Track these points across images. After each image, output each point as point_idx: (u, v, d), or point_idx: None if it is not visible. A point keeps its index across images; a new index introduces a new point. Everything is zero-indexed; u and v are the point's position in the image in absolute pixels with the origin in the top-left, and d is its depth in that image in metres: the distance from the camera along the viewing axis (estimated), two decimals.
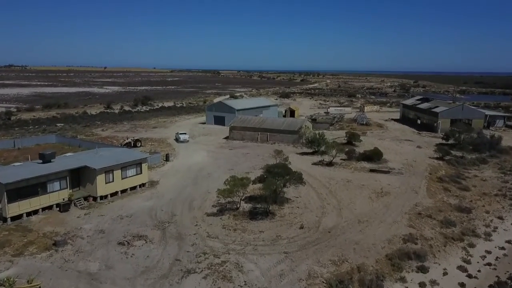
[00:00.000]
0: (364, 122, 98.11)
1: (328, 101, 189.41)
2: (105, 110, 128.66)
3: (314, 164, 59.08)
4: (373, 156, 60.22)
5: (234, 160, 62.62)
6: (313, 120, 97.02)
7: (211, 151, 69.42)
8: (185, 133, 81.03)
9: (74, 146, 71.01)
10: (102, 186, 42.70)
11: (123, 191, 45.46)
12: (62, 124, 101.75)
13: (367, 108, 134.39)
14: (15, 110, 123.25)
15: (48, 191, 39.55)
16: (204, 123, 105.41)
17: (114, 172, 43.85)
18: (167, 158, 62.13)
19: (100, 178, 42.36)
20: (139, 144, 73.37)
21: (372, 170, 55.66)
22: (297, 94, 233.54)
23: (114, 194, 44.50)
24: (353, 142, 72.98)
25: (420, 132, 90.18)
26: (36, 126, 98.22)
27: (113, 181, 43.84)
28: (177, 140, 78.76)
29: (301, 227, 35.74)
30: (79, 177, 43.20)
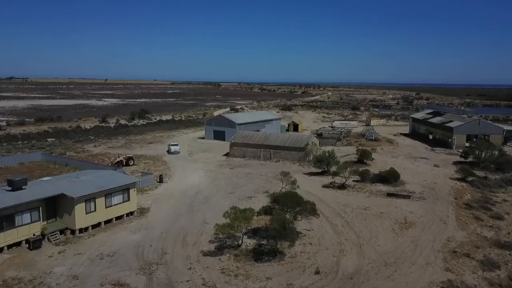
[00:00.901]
0: (373, 138, 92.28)
1: (331, 114, 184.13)
2: (100, 124, 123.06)
3: (325, 186, 53.04)
4: (389, 177, 54.24)
5: (235, 181, 56.66)
6: (319, 135, 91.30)
7: (209, 171, 63.47)
8: (176, 145, 79.89)
9: (61, 165, 65.18)
10: (81, 217, 36.66)
11: (108, 222, 39.42)
12: (53, 139, 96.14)
13: (373, 122, 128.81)
14: (4, 124, 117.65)
15: (16, 224, 33.51)
16: (203, 138, 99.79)
17: (96, 200, 37.87)
18: (160, 180, 56.14)
19: (79, 208, 36.35)
20: (132, 163, 67.49)
21: (390, 194, 49.61)
22: (299, 107, 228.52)
23: (96, 225, 38.46)
24: (365, 161, 67.06)
25: (434, 149, 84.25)
26: (25, 142, 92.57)
27: (95, 210, 37.83)
28: (168, 151, 77.69)
29: (317, 272, 29.57)
30: (55, 206, 37.23)
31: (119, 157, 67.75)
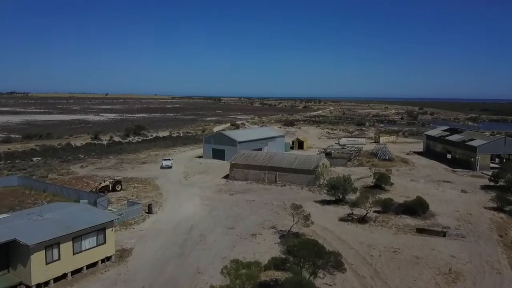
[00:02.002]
0: (387, 157, 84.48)
1: (335, 129, 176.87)
2: (92, 142, 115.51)
3: (342, 220, 45.03)
4: (417, 208, 46.27)
5: (236, 211, 48.70)
6: (327, 154, 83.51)
7: (206, 198, 55.57)
8: (169, 159, 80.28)
9: (38, 191, 57.38)
10: (40, 269, 28.70)
11: (76, 272, 31.42)
12: (38, 159, 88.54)
13: (382, 139, 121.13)
14: None
15: None
16: (201, 156, 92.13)
17: (61, 245, 29.97)
18: (149, 210, 48.27)
19: (37, 258, 28.43)
20: (119, 188, 59.69)
21: (420, 230, 41.64)
22: (301, 122, 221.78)
23: (61, 277, 30.45)
24: (383, 186, 59.21)
25: (455, 170, 76.36)
26: (8, 162, 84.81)
27: (59, 259, 29.88)
28: (161, 166, 78.05)
29: None
30: (8, 253, 29.35)
31: (105, 181, 59.94)
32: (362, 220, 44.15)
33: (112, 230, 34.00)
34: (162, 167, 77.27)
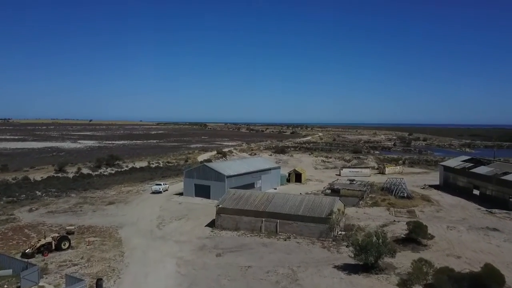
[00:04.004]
0: (405, 195, 70.51)
1: (330, 157, 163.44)
2: (55, 175, 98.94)
3: None
4: (490, 283, 31.90)
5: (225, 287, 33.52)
6: (335, 191, 69.42)
7: (184, 261, 40.20)
8: (160, 184, 79.67)
9: None
10: None
11: None
12: None
13: (388, 169, 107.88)
14: None
15: None
16: (182, 194, 76.83)
17: None
18: None
19: None
20: (66, 245, 43.97)
21: None
22: (293, 149, 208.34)
23: None
24: (419, 239, 44.89)
25: (492, 211, 62.80)
26: None
27: None
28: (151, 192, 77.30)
29: None
30: None
31: (45, 237, 44.11)
32: None
33: None
34: (152, 192, 77.71)
